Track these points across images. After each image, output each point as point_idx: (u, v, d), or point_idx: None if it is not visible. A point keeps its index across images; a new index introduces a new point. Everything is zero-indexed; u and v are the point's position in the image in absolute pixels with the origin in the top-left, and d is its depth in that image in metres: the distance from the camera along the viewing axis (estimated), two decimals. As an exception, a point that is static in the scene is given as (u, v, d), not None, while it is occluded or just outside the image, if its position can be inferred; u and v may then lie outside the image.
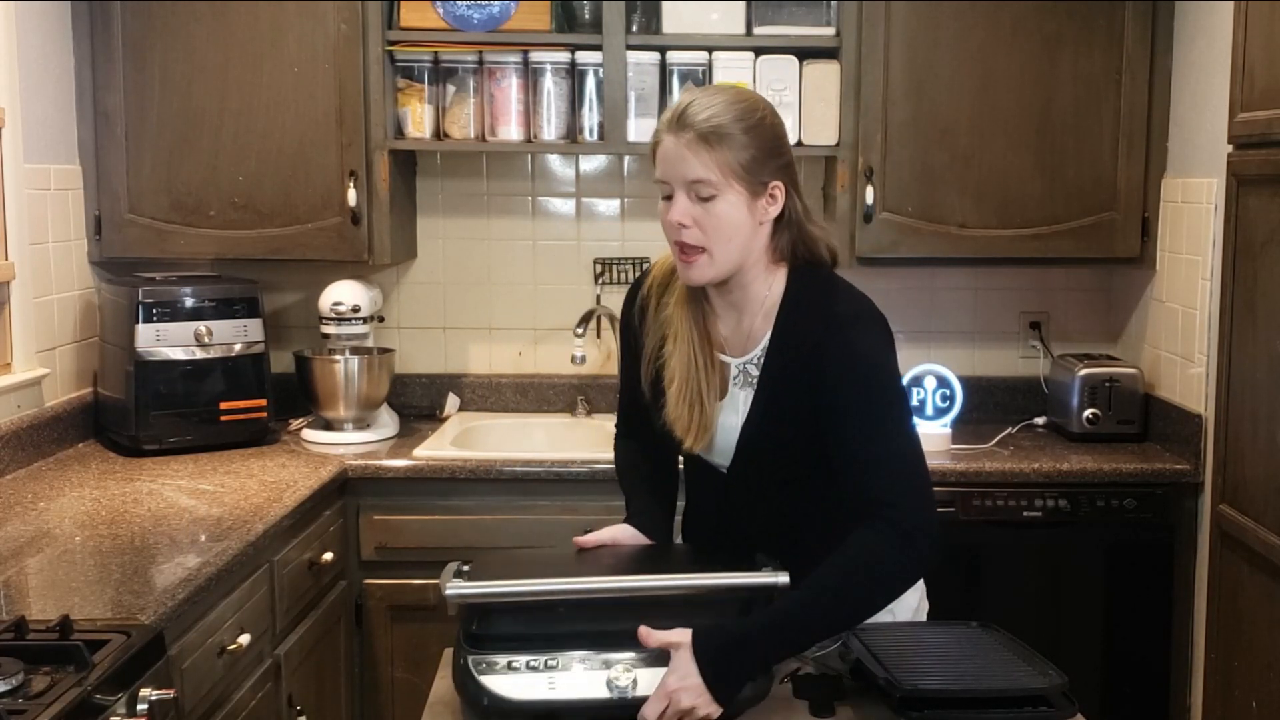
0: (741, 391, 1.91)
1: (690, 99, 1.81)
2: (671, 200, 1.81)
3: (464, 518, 3.07)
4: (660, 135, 1.82)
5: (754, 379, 1.89)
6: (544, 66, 3.30)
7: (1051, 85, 3.27)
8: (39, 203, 3.05)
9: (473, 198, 3.66)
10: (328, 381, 3.32)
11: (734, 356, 1.92)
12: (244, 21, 3.22)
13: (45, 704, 1.61)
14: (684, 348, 1.89)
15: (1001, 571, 3.16)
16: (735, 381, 1.91)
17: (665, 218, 1.82)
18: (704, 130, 1.77)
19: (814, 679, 1.85)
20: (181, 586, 2.10)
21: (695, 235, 1.80)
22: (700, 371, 1.88)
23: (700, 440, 1.91)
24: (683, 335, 1.90)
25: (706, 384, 1.88)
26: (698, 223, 1.79)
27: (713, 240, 1.79)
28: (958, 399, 3.32)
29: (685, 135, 1.77)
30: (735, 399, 1.92)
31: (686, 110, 1.79)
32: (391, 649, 3.14)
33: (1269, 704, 2.48)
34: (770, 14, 3.31)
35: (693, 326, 1.89)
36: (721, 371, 1.92)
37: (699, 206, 1.79)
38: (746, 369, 1.91)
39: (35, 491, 2.73)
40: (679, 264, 1.84)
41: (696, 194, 1.78)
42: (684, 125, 1.78)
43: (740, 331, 1.92)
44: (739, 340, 1.92)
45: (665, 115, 1.83)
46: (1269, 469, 2.48)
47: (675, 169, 1.79)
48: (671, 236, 1.82)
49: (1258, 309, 2.52)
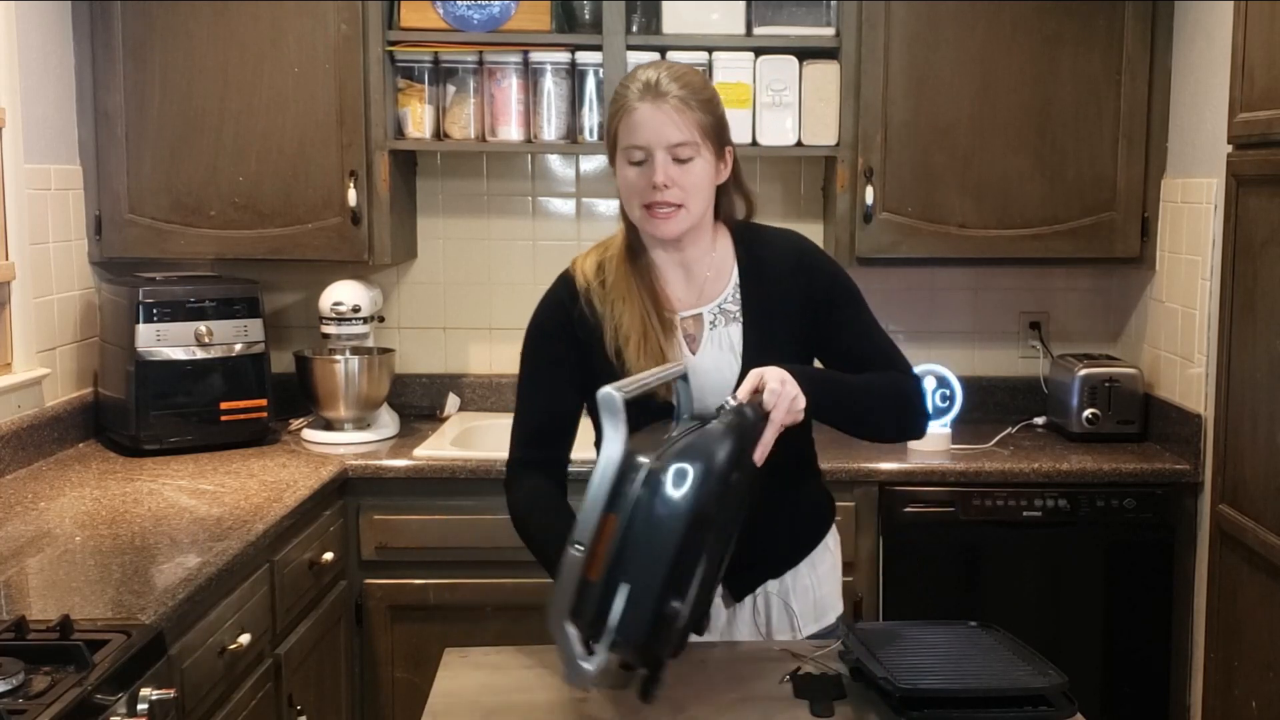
0: (726, 329, 2.03)
1: (656, 72, 1.95)
2: (643, 165, 1.93)
3: (464, 518, 3.07)
4: (633, 104, 1.93)
5: (735, 314, 2.03)
6: (544, 67, 3.30)
7: (1051, 85, 3.27)
8: (39, 203, 3.05)
9: (473, 198, 3.67)
10: (328, 381, 3.32)
11: (697, 306, 2.03)
12: (244, 21, 3.22)
13: (45, 704, 1.61)
14: (635, 308, 1.99)
15: (1001, 571, 3.16)
16: (714, 324, 2.03)
17: (637, 180, 1.94)
18: (683, 96, 1.92)
19: (814, 679, 1.86)
20: (182, 586, 2.10)
21: (675, 194, 1.93)
22: (656, 327, 1.99)
23: (666, 390, 1.95)
24: (632, 297, 2.00)
25: (664, 337, 1.99)
26: (676, 182, 1.93)
27: (690, 197, 1.94)
28: (957, 399, 3.32)
29: (666, 103, 1.91)
30: (720, 337, 2.03)
31: (659, 81, 1.93)
32: (391, 649, 3.14)
33: (1269, 704, 2.48)
34: (770, 14, 3.31)
35: (641, 288, 2.00)
36: (696, 323, 2.03)
37: (677, 167, 1.93)
38: (723, 308, 2.04)
39: (35, 491, 2.73)
40: (652, 222, 1.95)
41: (676, 156, 1.92)
42: (661, 94, 1.92)
43: (692, 286, 2.04)
44: (691, 294, 2.04)
45: (633, 87, 1.94)
46: (1269, 469, 2.48)
47: (658, 133, 1.91)
48: (645, 198, 1.94)
49: (1258, 309, 2.52)
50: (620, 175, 1.97)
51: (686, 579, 1.62)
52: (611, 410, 1.60)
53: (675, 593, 1.60)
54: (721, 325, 2.03)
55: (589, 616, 1.60)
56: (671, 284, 2.05)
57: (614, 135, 1.97)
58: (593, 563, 1.59)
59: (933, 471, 3.14)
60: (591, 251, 2.09)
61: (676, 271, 2.05)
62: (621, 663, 1.74)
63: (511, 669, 1.97)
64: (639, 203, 1.95)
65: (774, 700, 1.80)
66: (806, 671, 1.88)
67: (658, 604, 1.59)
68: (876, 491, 3.11)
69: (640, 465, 1.60)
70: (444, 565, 3.10)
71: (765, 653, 1.98)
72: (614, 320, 2.00)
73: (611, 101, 2.00)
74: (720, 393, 1.95)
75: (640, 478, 1.59)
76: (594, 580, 1.59)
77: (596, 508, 1.59)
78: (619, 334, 1.99)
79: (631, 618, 1.58)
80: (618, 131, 1.95)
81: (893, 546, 3.12)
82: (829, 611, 2.16)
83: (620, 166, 1.97)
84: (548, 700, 1.85)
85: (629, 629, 1.59)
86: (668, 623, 1.62)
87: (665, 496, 1.58)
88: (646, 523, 1.58)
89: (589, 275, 2.04)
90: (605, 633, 1.59)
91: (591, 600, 1.59)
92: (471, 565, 3.07)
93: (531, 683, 1.91)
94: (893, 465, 3.14)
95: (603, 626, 1.59)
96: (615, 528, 1.58)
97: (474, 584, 3.09)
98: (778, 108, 3.29)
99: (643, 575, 1.58)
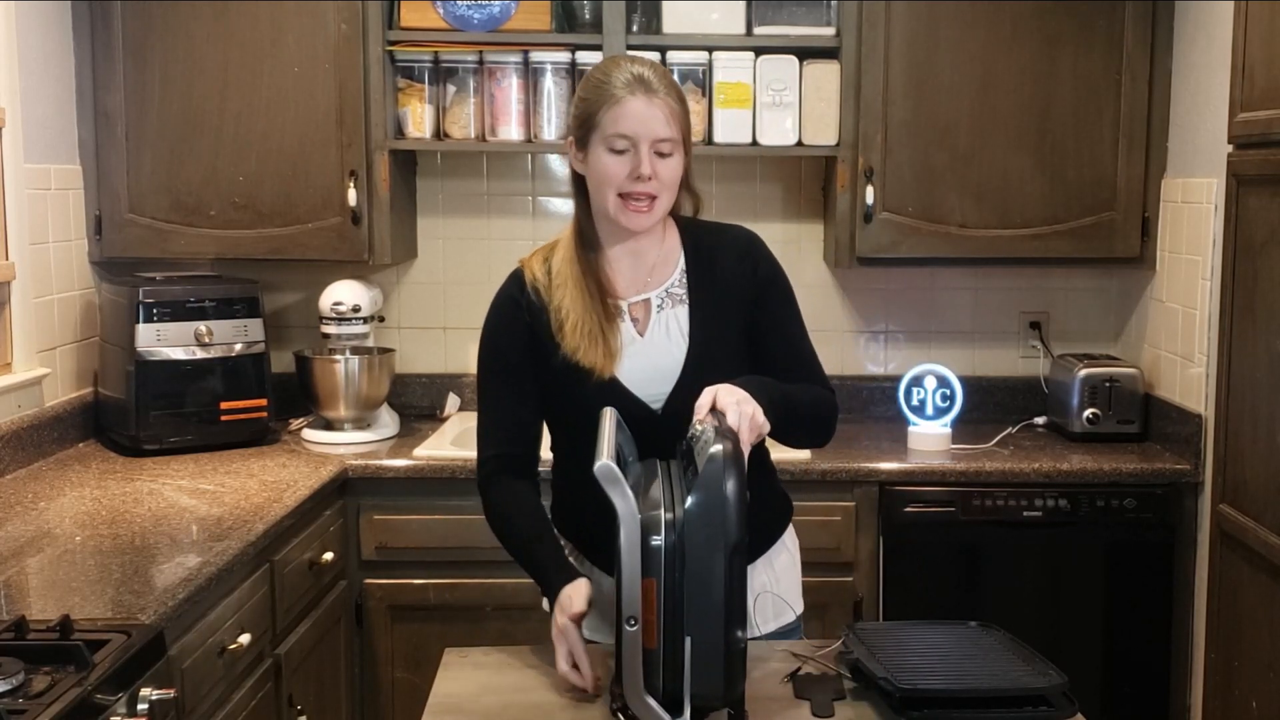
0: (673, 310, 2.06)
1: (640, 68, 1.99)
2: (623, 154, 1.97)
3: (464, 518, 3.06)
4: (621, 94, 1.96)
5: (682, 296, 2.07)
6: (544, 66, 3.30)
7: (1051, 85, 3.27)
8: (39, 203, 3.05)
9: (473, 198, 3.67)
10: (328, 381, 3.32)
11: (644, 292, 2.07)
12: (244, 21, 3.22)
13: (45, 704, 1.61)
14: (574, 291, 2.03)
15: (1001, 571, 3.16)
16: (661, 307, 2.07)
17: (616, 169, 1.97)
18: (673, 94, 1.99)
19: (814, 679, 1.86)
20: (182, 586, 2.10)
21: (654, 186, 1.98)
22: (596, 308, 2.02)
23: (607, 366, 1.99)
24: (572, 281, 2.03)
25: (605, 318, 2.02)
26: (656, 175, 1.97)
27: (665, 190, 1.99)
28: (958, 399, 3.32)
29: (657, 99, 1.96)
30: (667, 320, 2.06)
31: (647, 76, 1.98)
32: (391, 649, 3.14)
33: (1269, 704, 2.48)
34: (770, 14, 3.31)
35: (584, 273, 2.04)
36: (643, 307, 2.07)
37: (659, 161, 1.97)
38: (670, 292, 2.07)
39: (35, 491, 2.73)
40: (627, 213, 1.99)
41: (658, 150, 1.97)
42: (652, 90, 1.97)
43: (639, 273, 2.08)
44: (639, 280, 2.08)
45: (618, 77, 1.98)
46: (1269, 469, 2.48)
47: (647, 127, 1.96)
48: (625, 187, 1.97)
49: (1258, 309, 2.52)
50: (597, 162, 1.98)
51: (741, 607, 1.65)
52: (612, 479, 1.61)
53: (737, 624, 1.63)
54: (669, 308, 2.07)
55: (664, 683, 1.62)
56: (619, 272, 2.07)
57: (592, 120, 1.98)
58: (649, 631, 1.61)
59: (933, 471, 3.13)
60: (537, 251, 2.13)
61: (625, 260, 2.08)
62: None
63: (511, 669, 1.97)
64: (615, 191, 1.98)
65: (774, 700, 1.80)
66: (807, 671, 1.88)
67: (725, 643, 1.61)
68: (876, 491, 3.11)
69: (659, 521, 1.61)
70: (444, 565, 3.10)
71: (766, 653, 1.98)
72: (555, 304, 2.04)
73: (589, 88, 2.01)
74: (666, 374, 2.02)
75: (663, 533, 1.61)
76: (654, 648, 1.61)
77: (635, 577, 1.60)
78: (558, 315, 2.02)
79: (704, 668, 1.61)
80: (599, 118, 1.97)
81: (893, 546, 3.12)
82: (786, 610, 2.16)
83: (597, 153, 1.98)
84: (548, 700, 1.85)
85: (705, 679, 1.61)
86: (739, 657, 1.64)
87: (696, 541, 1.60)
88: (686, 572, 1.60)
89: (535, 269, 2.09)
90: (684, 692, 1.61)
91: (661, 666, 1.61)
92: (471, 565, 3.07)
93: (531, 683, 1.91)
94: (893, 465, 3.14)
95: (680, 687, 1.61)
96: (657, 589, 1.60)
97: (474, 584, 3.09)
98: (778, 107, 3.29)
99: (702, 623, 1.60)
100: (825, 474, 3.05)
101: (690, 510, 1.60)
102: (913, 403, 3.33)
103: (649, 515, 1.61)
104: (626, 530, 1.60)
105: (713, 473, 1.61)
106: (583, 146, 2.01)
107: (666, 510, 1.62)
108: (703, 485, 1.61)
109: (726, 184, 3.63)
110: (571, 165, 2.06)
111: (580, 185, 2.06)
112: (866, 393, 3.66)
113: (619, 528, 1.61)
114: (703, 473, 1.62)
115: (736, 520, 1.61)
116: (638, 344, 2.03)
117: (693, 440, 1.74)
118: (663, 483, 1.71)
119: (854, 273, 3.54)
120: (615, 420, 1.83)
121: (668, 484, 1.70)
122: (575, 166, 2.05)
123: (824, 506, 3.05)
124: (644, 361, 2.02)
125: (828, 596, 3.02)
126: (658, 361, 2.03)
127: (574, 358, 2.00)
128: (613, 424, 1.80)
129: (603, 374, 1.99)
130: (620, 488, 1.61)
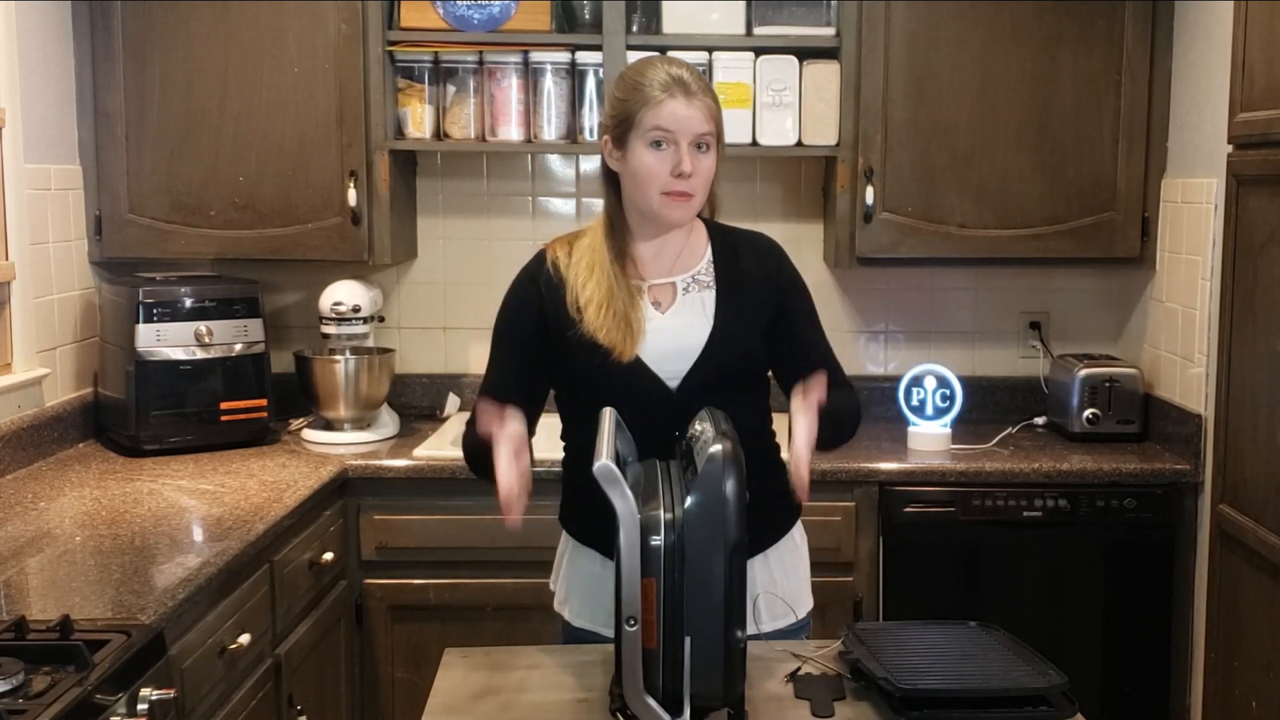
0: (700, 294, 2.12)
1: (679, 70, 2.05)
2: (662, 150, 2.02)
3: (464, 518, 3.07)
4: (660, 95, 2.01)
5: (709, 282, 2.13)
6: (544, 67, 3.30)
7: (1051, 85, 3.27)
8: (39, 203, 3.05)
9: (473, 198, 3.67)
10: (328, 381, 3.32)
11: (669, 276, 2.13)
12: (244, 21, 3.22)
13: (45, 704, 1.61)
14: (600, 274, 2.08)
15: (1001, 571, 3.16)
16: (688, 290, 2.13)
17: (658, 165, 2.02)
18: (710, 96, 2.05)
19: (814, 679, 1.86)
20: (181, 586, 2.10)
21: (693, 182, 2.04)
22: (621, 291, 2.07)
23: (630, 348, 2.04)
24: (600, 264, 2.09)
25: (630, 301, 2.07)
26: (696, 171, 2.03)
27: (703, 184, 2.06)
28: (957, 399, 3.32)
29: (698, 98, 2.02)
30: (693, 301, 2.12)
31: (686, 78, 2.04)
32: (391, 649, 3.14)
33: (1269, 704, 2.48)
34: (770, 14, 3.31)
35: (612, 258, 2.09)
36: (666, 290, 2.12)
37: (698, 157, 2.04)
38: (697, 277, 2.14)
39: (35, 491, 2.73)
40: (670, 205, 2.04)
41: (697, 146, 2.03)
42: (691, 90, 2.03)
43: (665, 259, 2.14)
44: (662, 265, 2.14)
45: (656, 78, 2.03)
46: (1269, 469, 2.48)
47: (688, 125, 2.01)
48: (668, 186, 2.02)
49: (1258, 309, 2.52)
50: (636, 159, 2.03)
51: (740, 606, 1.65)
52: (611, 479, 1.61)
53: (736, 624, 1.63)
54: (695, 291, 2.13)
55: (664, 683, 1.62)
56: (645, 259, 2.13)
57: (631, 120, 2.03)
58: (649, 631, 1.61)
59: (933, 471, 3.14)
60: (563, 237, 2.21)
61: (652, 247, 2.13)
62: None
63: (511, 669, 1.97)
64: (658, 189, 2.03)
65: (774, 700, 1.80)
66: (807, 672, 1.89)
67: (725, 643, 1.61)
68: (876, 491, 3.11)
69: (659, 521, 1.62)
70: (444, 565, 3.10)
71: (766, 652, 1.98)
72: (577, 282, 2.09)
73: (626, 88, 2.05)
74: (687, 353, 2.07)
75: (663, 532, 1.61)
76: (654, 648, 1.61)
77: (634, 577, 1.60)
78: (581, 297, 2.07)
79: (704, 667, 1.61)
80: (639, 117, 2.02)
81: (893, 546, 3.13)
82: (796, 607, 2.16)
83: (637, 150, 2.03)
84: (548, 700, 1.85)
85: (705, 678, 1.61)
86: (738, 657, 1.64)
87: (695, 541, 1.60)
88: (685, 572, 1.61)
89: (558, 250, 2.16)
90: (684, 692, 1.61)
91: (660, 666, 1.61)
92: (471, 565, 3.07)
93: (531, 683, 1.91)
94: (893, 465, 3.14)
95: (680, 687, 1.61)
96: (656, 589, 1.60)
97: (474, 584, 3.09)
98: (778, 108, 3.29)
99: (702, 623, 1.61)
100: (825, 474, 3.05)
101: (690, 510, 1.61)
102: (912, 403, 3.33)
103: (648, 515, 1.62)
104: (626, 530, 1.61)
105: (712, 472, 1.61)
106: (620, 145, 2.06)
107: (666, 510, 1.63)
108: (702, 485, 1.61)
109: (726, 184, 3.54)
110: (604, 161, 2.11)
111: (611, 178, 2.11)
112: (866, 393, 3.63)
113: (618, 528, 1.61)
114: (702, 473, 1.62)
115: (736, 520, 1.61)
116: (657, 321, 2.09)
117: (692, 440, 1.74)
118: (662, 483, 1.71)
119: (854, 273, 3.54)
120: (615, 421, 1.83)
121: (667, 484, 1.71)
122: (611, 165, 2.10)
123: (824, 506, 3.05)
124: (666, 339, 2.07)
125: (828, 596, 3.01)
126: (680, 339, 2.08)
127: (597, 337, 2.04)
128: (612, 425, 1.80)
129: (624, 355, 2.04)
130: (620, 488, 1.61)
